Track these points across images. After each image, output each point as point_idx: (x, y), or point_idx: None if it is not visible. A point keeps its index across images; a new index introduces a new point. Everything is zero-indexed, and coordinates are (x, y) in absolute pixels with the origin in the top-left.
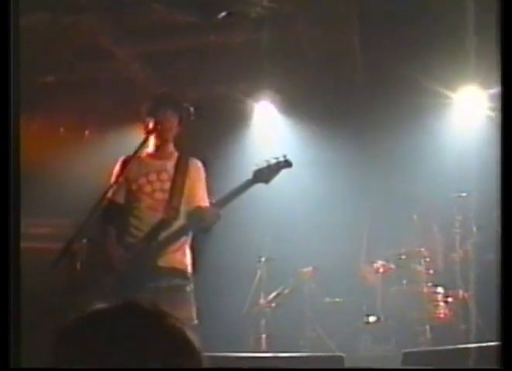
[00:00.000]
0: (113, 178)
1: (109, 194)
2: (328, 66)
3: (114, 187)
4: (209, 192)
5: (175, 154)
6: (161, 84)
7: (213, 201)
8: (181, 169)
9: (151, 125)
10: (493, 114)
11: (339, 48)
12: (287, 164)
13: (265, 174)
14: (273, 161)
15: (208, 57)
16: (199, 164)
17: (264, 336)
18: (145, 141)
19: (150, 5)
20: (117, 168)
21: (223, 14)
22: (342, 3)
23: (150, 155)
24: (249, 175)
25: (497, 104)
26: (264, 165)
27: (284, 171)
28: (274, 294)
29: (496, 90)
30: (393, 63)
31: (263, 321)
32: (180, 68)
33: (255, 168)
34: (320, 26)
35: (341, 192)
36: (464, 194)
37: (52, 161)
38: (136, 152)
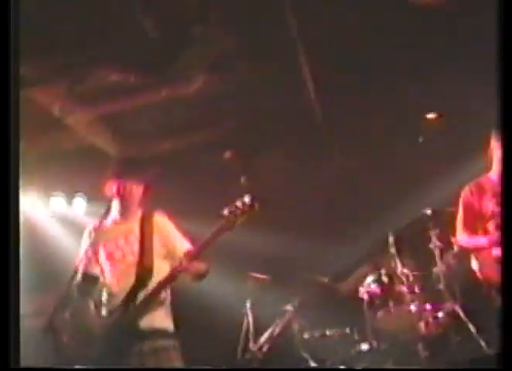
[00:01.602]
0: (82, 250)
1: (81, 266)
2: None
3: (85, 258)
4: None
5: (139, 213)
6: (122, 145)
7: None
8: (147, 227)
9: (114, 190)
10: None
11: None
12: (250, 207)
13: (230, 221)
14: (237, 205)
15: (164, 111)
16: (164, 217)
17: None
18: (109, 208)
19: (97, 70)
20: (84, 238)
21: (170, 68)
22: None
23: (115, 221)
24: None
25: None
26: (228, 210)
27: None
28: (264, 337)
29: None
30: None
31: (256, 366)
32: (138, 126)
33: (220, 215)
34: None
35: (312, 221)
36: (438, 209)
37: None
38: (102, 219)
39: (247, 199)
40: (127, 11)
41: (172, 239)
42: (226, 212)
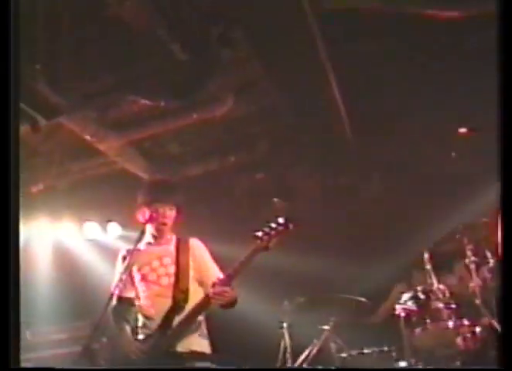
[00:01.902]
0: (117, 275)
1: (117, 291)
2: (313, 123)
3: (120, 283)
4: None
5: (174, 238)
6: (154, 170)
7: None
8: (183, 250)
9: (147, 215)
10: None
11: (320, 100)
12: (285, 227)
13: (265, 241)
14: (271, 226)
15: (195, 134)
16: (199, 242)
17: None
18: (143, 232)
19: (127, 96)
20: (119, 263)
21: (200, 91)
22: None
23: (149, 243)
24: (249, 244)
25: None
26: (263, 232)
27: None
28: (302, 357)
29: None
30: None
31: None
32: (169, 150)
33: (254, 236)
34: (297, 83)
35: (347, 241)
36: (470, 222)
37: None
38: (136, 244)
39: (281, 219)
40: (153, 35)
41: (206, 265)
42: (260, 233)
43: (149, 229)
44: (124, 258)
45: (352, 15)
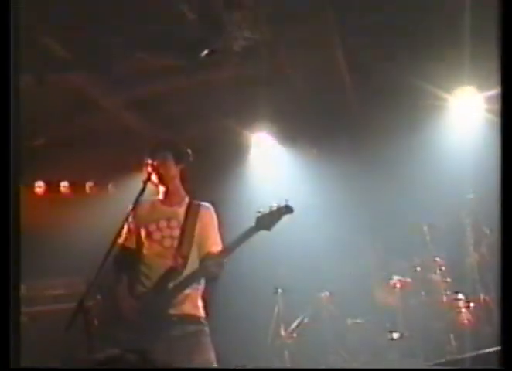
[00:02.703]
0: (124, 223)
1: (120, 239)
2: (317, 87)
3: (126, 232)
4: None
5: (186, 200)
6: (156, 128)
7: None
8: (191, 215)
9: (149, 168)
10: (490, 116)
11: (326, 65)
12: (288, 210)
13: (268, 220)
14: (274, 207)
15: (198, 96)
16: (210, 208)
17: (288, 367)
18: (145, 185)
19: (133, 54)
20: (127, 214)
21: (206, 52)
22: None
23: (161, 202)
24: (251, 218)
25: (495, 106)
26: (266, 211)
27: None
28: (295, 324)
29: (493, 92)
30: (384, 69)
31: (286, 353)
32: (173, 110)
33: (257, 214)
34: (302, 49)
35: (347, 212)
36: (471, 196)
37: (56, 221)
38: (139, 197)
39: (285, 202)
40: None
41: (209, 232)
42: (264, 212)
43: (161, 187)
44: (133, 210)
45: None
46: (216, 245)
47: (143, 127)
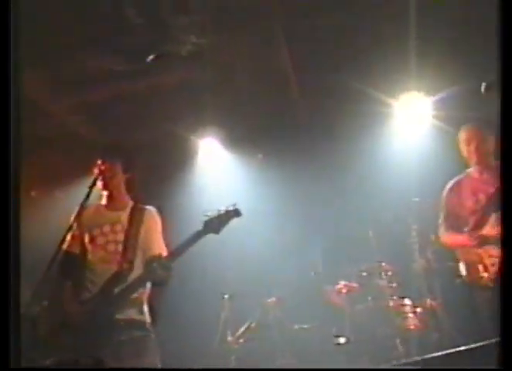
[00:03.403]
0: (68, 229)
1: (65, 245)
2: (264, 92)
3: (70, 237)
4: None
5: (130, 204)
6: (104, 133)
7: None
8: (135, 219)
9: (95, 172)
10: (436, 121)
11: (271, 70)
12: (236, 213)
13: (216, 224)
14: (222, 211)
15: (146, 100)
16: (155, 212)
17: None
18: (91, 190)
19: (82, 57)
20: (72, 218)
21: (152, 56)
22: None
23: (105, 206)
24: (199, 223)
25: (440, 112)
26: (214, 215)
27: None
28: (242, 329)
29: (438, 97)
30: (330, 74)
31: (233, 358)
32: (121, 114)
33: (205, 218)
34: (248, 52)
35: (295, 217)
36: (416, 199)
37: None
38: (84, 202)
39: (233, 205)
40: None
41: (153, 236)
42: (212, 215)
43: (104, 192)
44: (78, 215)
45: None
46: (161, 249)
47: (91, 132)
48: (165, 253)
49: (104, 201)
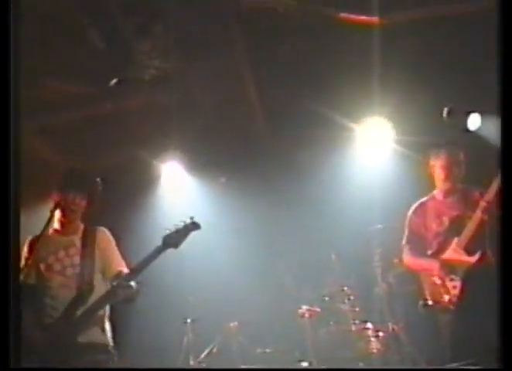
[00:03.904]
0: (22, 261)
1: (21, 276)
2: (228, 116)
3: (25, 269)
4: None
5: (81, 227)
6: (65, 157)
7: (126, 269)
8: (88, 241)
9: (56, 201)
10: (398, 147)
11: (236, 94)
12: (195, 226)
13: (174, 238)
14: (181, 225)
15: (109, 124)
16: (106, 231)
17: None
18: (51, 219)
19: (41, 81)
20: (24, 249)
21: (115, 80)
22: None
23: (57, 231)
24: (159, 240)
25: (403, 137)
26: (173, 229)
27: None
28: (204, 353)
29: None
30: (293, 100)
31: None
32: (84, 137)
33: (164, 233)
34: (212, 77)
35: (258, 241)
36: (380, 226)
37: None
38: (43, 231)
39: (191, 218)
40: (72, 21)
41: (110, 256)
42: (171, 229)
43: (58, 216)
44: (31, 244)
45: (270, 15)
46: (120, 266)
47: (54, 154)
48: (125, 269)
49: (56, 225)
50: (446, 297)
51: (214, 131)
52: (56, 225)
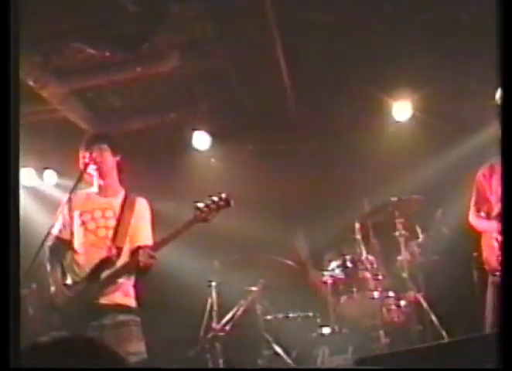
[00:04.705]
0: (59, 215)
1: (55, 230)
2: (256, 87)
3: (60, 224)
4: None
5: (122, 192)
6: (95, 120)
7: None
8: (127, 208)
9: (86, 159)
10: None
11: (265, 66)
12: (226, 203)
13: (205, 213)
14: (212, 200)
15: (138, 89)
16: (146, 203)
17: (221, 361)
18: (82, 175)
19: (73, 44)
20: (62, 204)
21: (146, 45)
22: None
23: (96, 193)
24: (190, 212)
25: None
26: (204, 204)
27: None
28: (227, 316)
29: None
30: (324, 68)
31: (218, 346)
32: (113, 102)
33: (195, 207)
34: (243, 47)
35: (283, 208)
36: (404, 197)
37: None
38: (75, 186)
39: (223, 195)
40: None
41: (143, 226)
42: (201, 204)
43: (95, 179)
44: (69, 200)
45: None
46: (147, 239)
47: (81, 119)
48: (151, 242)
49: (95, 189)
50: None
51: (243, 97)
52: (95, 187)
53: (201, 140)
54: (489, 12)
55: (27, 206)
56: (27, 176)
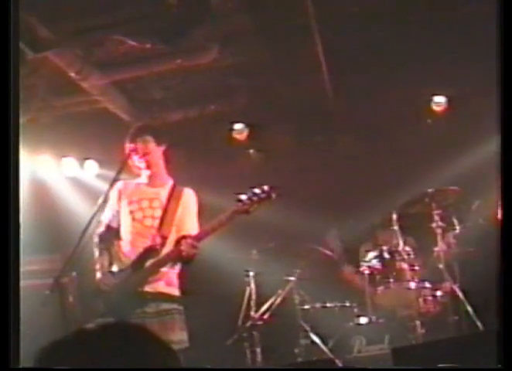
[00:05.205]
0: (107, 204)
1: (105, 219)
2: (294, 79)
3: (110, 212)
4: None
5: (170, 183)
6: (136, 112)
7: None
8: (174, 198)
9: (129, 149)
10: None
11: (303, 58)
12: (268, 196)
13: (247, 206)
14: (254, 193)
15: (177, 80)
16: (193, 194)
17: (258, 350)
18: (123, 166)
19: (114, 36)
20: (113, 194)
21: (186, 37)
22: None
23: (145, 184)
24: (230, 204)
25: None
26: (246, 196)
27: None
28: (266, 306)
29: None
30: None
31: (256, 335)
32: (153, 94)
33: (237, 199)
34: (282, 40)
35: (321, 199)
36: (441, 188)
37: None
38: (116, 178)
39: (266, 187)
40: None
41: (189, 217)
42: (243, 197)
43: (144, 169)
44: (118, 191)
45: None
46: (193, 230)
47: (122, 110)
48: (195, 232)
49: (144, 179)
50: None
51: (280, 91)
52: (143, 177)
53: (239, 131)
54: None
55: (68, 196)
56: (68, 166)
